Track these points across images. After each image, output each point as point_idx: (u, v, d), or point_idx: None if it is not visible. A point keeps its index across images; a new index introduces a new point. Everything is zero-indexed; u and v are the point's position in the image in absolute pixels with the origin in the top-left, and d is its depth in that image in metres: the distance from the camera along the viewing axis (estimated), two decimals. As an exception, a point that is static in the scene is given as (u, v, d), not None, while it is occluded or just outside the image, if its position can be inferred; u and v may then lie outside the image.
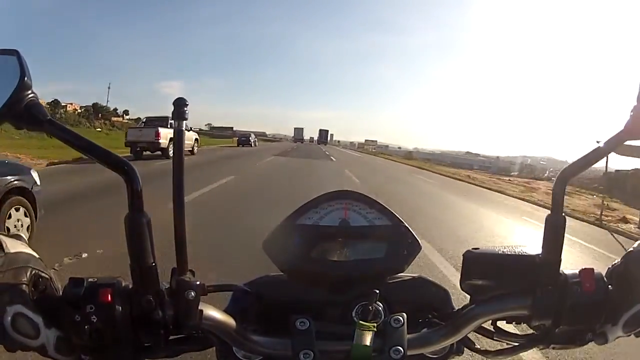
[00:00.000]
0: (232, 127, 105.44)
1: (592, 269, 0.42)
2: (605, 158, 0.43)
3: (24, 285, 0.37)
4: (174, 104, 0.37)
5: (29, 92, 0.36)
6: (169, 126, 12.00)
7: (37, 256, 0.40)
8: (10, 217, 3.40)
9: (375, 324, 0.44)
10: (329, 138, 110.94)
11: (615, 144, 0.41)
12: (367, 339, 0.43)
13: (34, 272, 0.38)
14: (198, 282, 0.39)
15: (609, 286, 0.42)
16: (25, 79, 0.36)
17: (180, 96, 0.37)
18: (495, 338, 0.48)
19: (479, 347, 0.50)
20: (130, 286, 0.38)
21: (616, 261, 0.44)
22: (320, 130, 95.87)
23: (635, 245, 0.43)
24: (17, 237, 0.41)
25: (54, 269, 0.42)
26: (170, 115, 0.37)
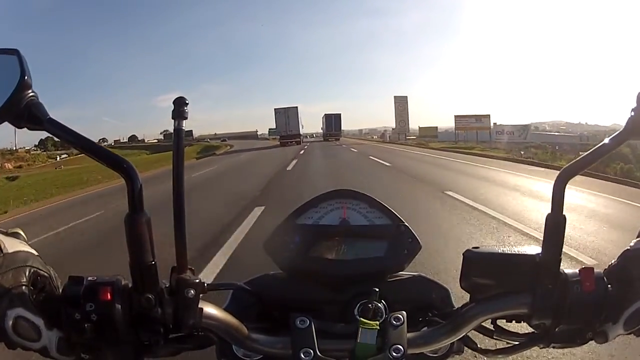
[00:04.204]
0: (191, 131, 70.71)
1: (592, 268, 0.42)
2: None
3: (24, 287, 0.36)
4: (174, 103, 0.37)
5: (29, 91, 0.36)
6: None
7: (35, 253, 0.40)
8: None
9: (377, 323, 0.44)
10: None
11: (616, 144, 0.41)
12: (372, 338, 0.43)
13: (32, 270, 0.38)
14: (197, 281, 0.39)
15: (609, 285, 0.42)
16: (26, 78, 0.36)
17: (181, 95, 0.37)
18: (495, 337, 0.48)
19: (479, 346, 0.50)
20: (130, 285, 0.38)
21: (614, 260, 0.44)
22: (327, 115, 47.19)
23: (632, 243, 0.43)
24: (15, 234, 0.41)
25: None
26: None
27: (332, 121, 46.88)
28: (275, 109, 38.79)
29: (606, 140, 0.41)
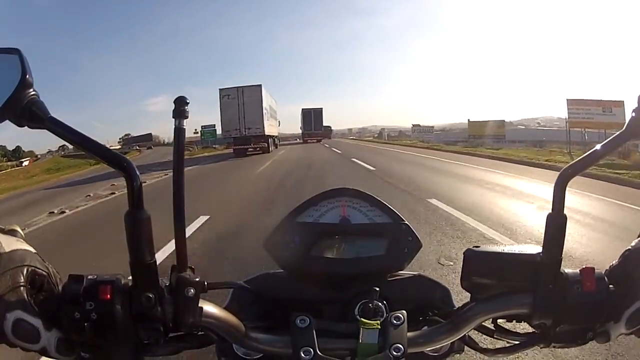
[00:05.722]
0: (150, 134, 64.51)
1: (593, 269, 0.42)
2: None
3: (22, 288, 0.36)
4: (174, 102, 0.37)
5: (31, 90, 0.36)
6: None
7: (33, 251, 0.40)
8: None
9: (378, 322, 0.44)
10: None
11: (617, 144, 0.41)
12: (373, 337, 0.43)
13: (30, 270, 0.38)
14: (198, 279, 0.39)
15: (610, 285, 0.42)
16: (27, 77, 0.36)
17: (181, 95, 0.37)
18: (495, 336, 0.48)
19: (479, 345, 0.50)
20: (130, 283, 0.38)
21: (615, 260, 0.44)
22: (305, 111, 38.72)
23: (634, 243, 0.43)
24: (12, 232, 0.40)
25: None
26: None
27: (312, 117, 36.76)
28: (220, 91, 20.91)
29: (606, 141, 0.41)
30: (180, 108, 0.37)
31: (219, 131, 24.07)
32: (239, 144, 20.35)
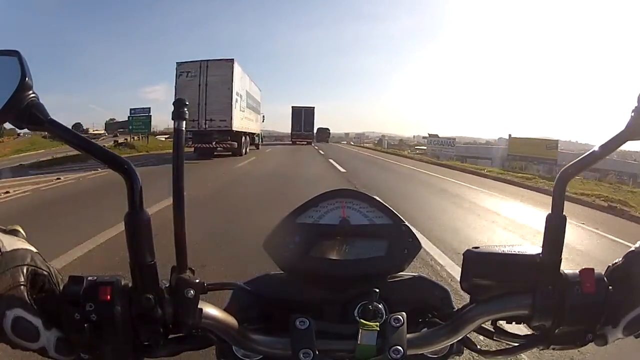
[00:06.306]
0: (126, 121, 36.58)
1: (593, 270, 0.42)
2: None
3: (22, 287, 0.36)
4: (173, 104, 0.37)
5: (30, 92, 0.36)
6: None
7: (35, 250, 0.40)
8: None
9: (377, 324, 0.44)
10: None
11: (617, 145, 0.40)
12: (372, 339, 0.43)
13: (30, 269, 0.38)
14: (197, 281, 0.39)
15: (610, 287, 0.42)
16: (26, 79, 0.36)
17: (180, 97, 0.37)
18: (495, 338, 0.48)
19: (478, 347, 0.50)
20: (130, 284, 0.38)
21: (616, 260, 0.44)
22: (295, 109, 34.54)
23: (637, 245, 0.43)
24: (14, 231, 0.40)
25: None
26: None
27: (302, 117, 32.40)
28: (177, 66, 14.74)
29: (606, 141, 0.41)
30: (179, 109, 0.37)
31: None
32: (201, 141, 14.18)
